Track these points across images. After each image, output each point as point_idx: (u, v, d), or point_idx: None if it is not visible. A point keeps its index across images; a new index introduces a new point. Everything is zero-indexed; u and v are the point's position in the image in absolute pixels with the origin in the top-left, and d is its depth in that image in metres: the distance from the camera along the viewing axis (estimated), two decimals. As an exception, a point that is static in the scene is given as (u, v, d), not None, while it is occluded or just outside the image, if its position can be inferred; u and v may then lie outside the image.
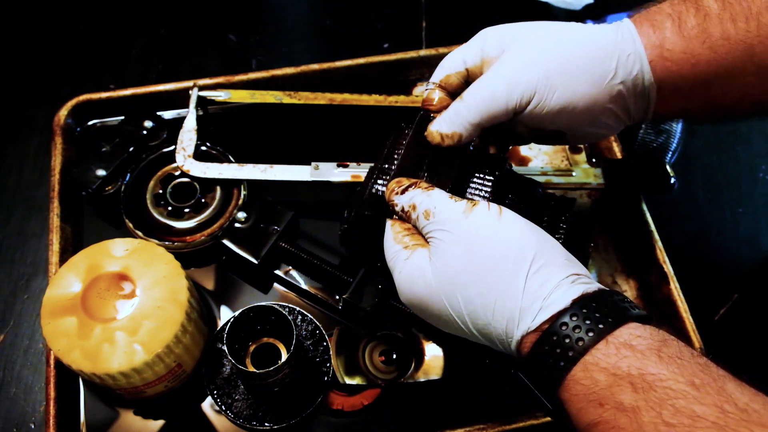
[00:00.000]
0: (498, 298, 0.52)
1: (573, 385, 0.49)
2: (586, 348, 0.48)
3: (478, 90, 0.61)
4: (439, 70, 0.65)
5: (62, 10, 1.05)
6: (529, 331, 0.51)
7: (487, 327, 0.53)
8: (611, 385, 0.47)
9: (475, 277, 0.53)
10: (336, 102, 0.86)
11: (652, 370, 0.46)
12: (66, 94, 0.86)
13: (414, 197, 0.58)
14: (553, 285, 0.51)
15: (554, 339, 0.49)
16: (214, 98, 0.85)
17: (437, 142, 0.62)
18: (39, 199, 0.86)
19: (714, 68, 0.59)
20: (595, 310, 0.50)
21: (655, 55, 0.60)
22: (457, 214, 0.55)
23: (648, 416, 0.44)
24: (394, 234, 0.59)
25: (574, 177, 0.80)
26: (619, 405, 0.46)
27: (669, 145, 0.84)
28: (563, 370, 0.49)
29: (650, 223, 0.80)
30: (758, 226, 0.89)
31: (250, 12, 1.07)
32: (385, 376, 0.72)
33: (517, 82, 0.59)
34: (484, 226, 0.54)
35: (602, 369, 0.47)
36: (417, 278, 0.56)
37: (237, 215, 0.77)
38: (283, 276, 0.76)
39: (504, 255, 0.52)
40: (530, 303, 0.51)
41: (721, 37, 0.58)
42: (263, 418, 0.69)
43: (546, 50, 0.60)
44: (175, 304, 0.66)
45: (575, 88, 0.59)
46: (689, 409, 0.43)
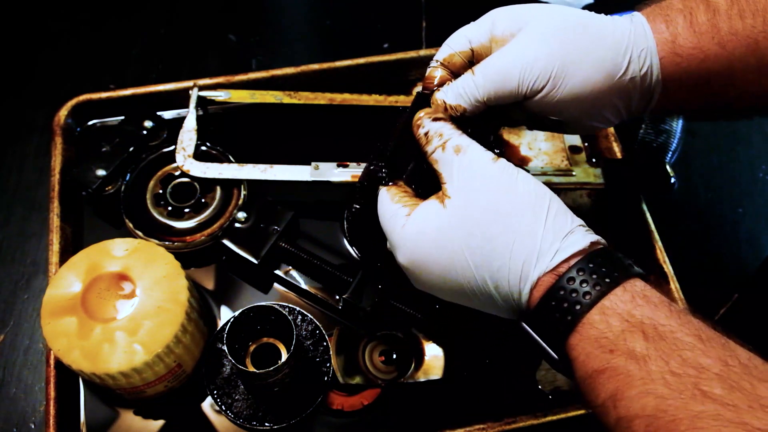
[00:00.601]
0: (518, 236, 0.52)
1: (587, 328, 0.49)
2: (604, 292, 0.49)
3: (492, 67, 0.60)
4: (443, 49, 0.64)
5: (62, 10, 1.05)
6: (547, 271, 0.51)
7: (502, 269, 0.53)
8: (624, 331, 0.48)
9: (498, 215, 0.53)
10: (336, 102, 0.86)
11: (662, 321, 0.47)
12: (66, 94, 0.86)
13: (444, 128, 0.58)
14: (569, 230, 0.53)
15: (571, 283, 0.50)
16: (214, 98, 0.85)
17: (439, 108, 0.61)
18: (39, 199, 0.86)
19: (720, 63, 0.59)
20: (609, 258, 0.51)
21: (666, 50, 0.60)
22: (487, 158, 0.56)
23: (656, 365, 0.45)
24: (391, 196, 0.59)
25: (574, 177, 0.80)
26: (630, 352, 0.47)
27: (669, 145, 0.84)
28: (579, 313, 0.49)
29: (650, 223, 0.80)
30: (758, 226, 0.89)
31: (250, 12, 1.07)
32: (385, 376, 0.72)
33: (534, 66, 0.58)
34: (508, 174, 0.55)
35: (618, 314, 0.48)
36: (428, 225, 0.56)
37: (237, 215, 0.77)
38: (283, 276, 0.76)
39: (525, 198, 0.54)
40: (549, 243, 0.52)
41: (729, 32, 0.58)
42: (263, 418, 0.69)
43: (565, 37, 0.59)
44: (175, 304, 0.66)
45: (588, 80, 0.59)
46: (695, 360, 0.45)
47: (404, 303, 0.72)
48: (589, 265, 0.50)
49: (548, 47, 0.59)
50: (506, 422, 0.69)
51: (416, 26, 1.05)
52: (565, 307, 0.50)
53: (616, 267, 0.51)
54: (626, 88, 0.60)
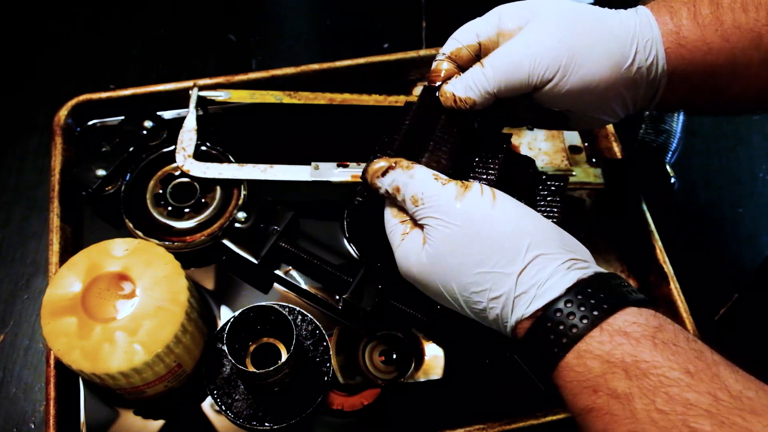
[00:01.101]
0: (493, 286, 0.52)
1: (567, 371, 0.49)
2: (580, 335, 0.48)
3: (502, 58, 0.59)
4: (450, 42, 0.63)
5: (62, 10, 1.05)
6: (524, 317, 0.51)
7: (483, 312, 0.54)
8: (605, 372, 0.47)
9: (470, 265, 0.53)
10: (336, 102, 0.86)
11: (646, 357, 0.46)
12: (66, 94, 0.86)
13: (395, 180, 0.57)
14: (549, 272, 0.51)
15: (548, 325, 0.50)
16: (214, 98, 0.85)
17: (449, 104, 0.61)
18: (39, 199, 0.86)
19: (724, 57, 0.59)
20: (590, 296, 0.50)
21: (671, 42, 0.59)
22: (448, 200, 0.54)
23: (641, 403, 0.44)
24: (392, 209, 0.59)
25: (574, 177, 0.80)
26: (613, 392, 0.46)
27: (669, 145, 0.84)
28: (556, 357, 0.49)
29: (650, 223, 0.80)
30: (758, 226, 0.89)
31: (250, 12, 1.07)
32: (385, 376, 0.72)
33: (544, 55, 0.58)
34: (478, 212, 0.53)
35: (596, 356, 0.48)
36: (412, 257, 0.56)
37: (237, 215, 0.77)
38: (283, 276, 0.76)
39: (499, 243, 0.52)
40: (525, 290, 0.51)
41: (733, 24, 0.58)
42: (263, 418, 0.69)
43: (573, 27, 0.59)
44: (175, 304, 0.66)
45: (597, 69, 0.59)
46: (682, 396, 0.44)
47: (404, 303, 0.72)
48: (567, 306, 0.49)
49: (557, 37, 0.58)
50: (506, 422, 0.69)
51: (416, 26, 1.05)
52: (544, 348, 0.50)
53: (600, 302, 0.49)
54: (633, 79, 0.60)
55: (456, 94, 0.60)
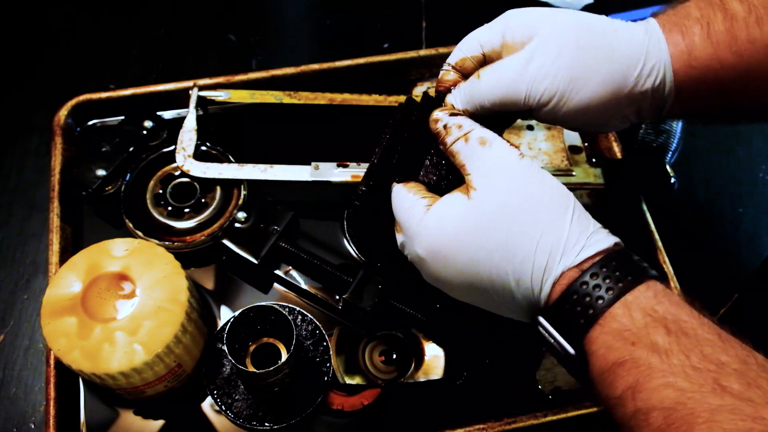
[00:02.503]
0: (544, 231, 0.53)
1: (609, 321, 0.50)
2: (628, 288, 0.50)
3: (498, 75, 0.60)
4: (455, 53, 0.63)
5: (62, 10, 1.05)
6: (571, 266, 0.52)
7: (525, 263, 0.53)
8: (647, 324, 0.48)
9: (525, 210, 0.54)
10: (336, 102, 0.86)
11: (684, 317, 0.49)
12: (66, 94, 0.86)
13: (463, 121, 0.59)
14: (593, 230, 0.53)
15: (595, 278, 0.51)
16: (214, 98, 0.85)
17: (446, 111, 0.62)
18: (39, 199, 0.86)
19: (736, 73, 0.59)
20: (631, 258, 0.52)
21: (681, 63, 0.59)
22: (514, 154, 0.56)
23: (677, 359, 0.46)
24: (408, 189, 0.59)
25: (574, 177, 0.80)
26: (653, 345, 0.47)
27: (669, 145, 0.84)
28: (603, 306, 0.50)
29: (650, 223, 0.80)
30: (758, 226, 0.89)
31: (250, 12, 1.07)
32: (385, 376, 0.72)
33: (542, 80, 0.58)
34: (534, 172, 0.55)
35: (641, 308, 0.49)
36: (449, 217, 0.55)
37: (237, 215, 0.77)
38: (283, 276, 0.76)
39: (551, 198, 0.54)
40: (575, 240, 0.52)
41: (747, 40, 0.58)
42: (263, 418, 0.69)
43: (575, 53, 0.58)
44: (175, 304, 0.66)
45: (595, 94, 0.59)
46: (715, 356, 0.46)
47: (404, 303, 0.72)
48: (612, 263, 0.51)
49: (557, 64, 0.58)
50: (506, 422, 0.69)
51: (416, 26, 1.05)
52: (587, 301, 0.51)
53: (637, 267, 0.52)
54: (636, 99, 0.60)
55: (455, 105, 0.61)
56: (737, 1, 0.59)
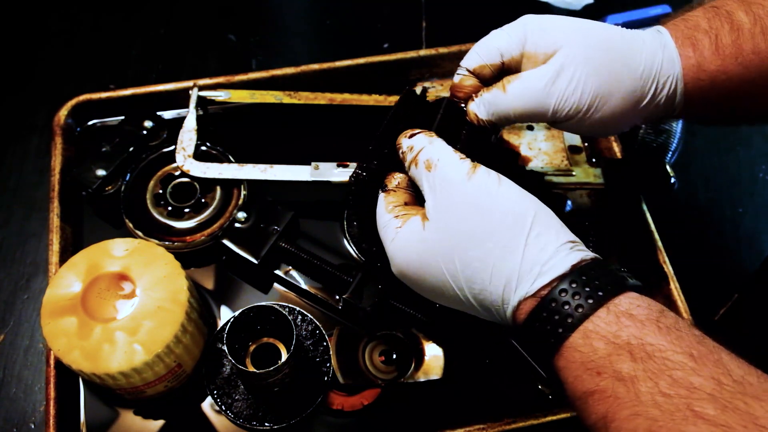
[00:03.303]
0: (496, 261, 0.52)
1: (571, 352, 0.49)
2: (586, 315, 0.48)
3: (527, 90, 0.60)
4: (473, 57, 0.63)
5: (62, 10, 1.05)
6: (527, 296, 0.51)
7: (483, 292, 0.53)
8: (610, 353, 0.47)
9: (474, 240, 0.52)
10: (336, 102, 0.86)
11: (650, 340, 0.46)
12: (66, 94, 0.86)
13: (416, 141, 0.58)
14: (552, 251, 0.51)
15: (553, 305, 0.49)
16: (214, 98, 0.85)
17: (472, 120, 0.62)
18: (39, 199, 0.86)
19: (741, 82, 0.60)
20: (594, 277, 0.50)
21: (691, 76, 0.60)
22: (460, 174, 0.54)
23: (645, 386, 0.44)
24: (386, 204, 0.59)
25: (574, 177, 0.80)
26: (618, 374, 0.46)
27: (669, 145, 0.84)
28: (561, 337, 0.49)
29: (650, 223, 0.80)
30: (758, 226, 0.89)
31: (250, 12, 1.07)
32: (385, 376, 0.72)
33: (570, 96, 0.59)
34: (485, 190, 0.54)
35: (602, 337, 0.47)
36: (412, 243, 0.55)
37: (237, 215, 0.77)
38: (283, 276, 0.76)
39: (503, 220, 0.52)
40: (529, 268, 0.51)
41: (752, 51, 0.59)
42: (263, 418, 0.69)
43: (600, 68, 0.59)
44: (175, 304, 0.66)
45: (618, 108, 0.60)
46: (686, 380, 0.44)
47: (404, 303, 0.72)
48: (572, 286, 0.49)
49: (584, 80, 0.59)
50: (506, 422, 0.69)
51: (416, 26, 1.05)
52: (548, 329, 0.49)
53: (604, 283, 0.49)
54: (649, 110, 0.61)
55: (479, 115, 0.62)
56: (743, 12, 0.59)
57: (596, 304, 0.48)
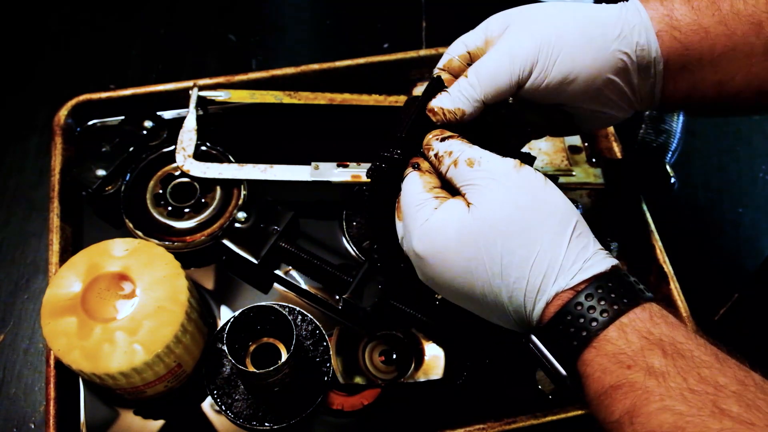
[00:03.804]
0: (541, 251, 0.52)
1: (604, 344, 0.49)
2: (622, 311, 0.50)
3: (482, 65, 0.61)
4: (444, 57, 0.65)
5: (62, 10, 1.05)
6: (566, 288, 0.51)
7: (519, 281, 0.52)
8: (643, 347, 0.48)
9: (521, 228, 0.53)
10: (336, 102, 0.86)
11: (680, 339, 0.48)
12: (66, 94, 0.86)
13: (452, 145, 0.58)
14: (591, 252, 0.53)
15: (590, 299, 0.50)
16: (214, 98, 0.85)
17: (440, 119, 0.61)
18: (39, 199, 0.86)
19: (722, 42, 0.59)
20: (627, 281, 0.52)
21: (663, 25, 0.60)
22: (507, 167, 0.55)
23: (675, 382, 0.46)
24: (424, 183, 0.58)
25: (574, 177, 0.80)
26: (650, 368, 0.47)
27: (669, 145, 0.83)
28: (597, 329, 0.50)
29: (650, 223, 0.80)
30: (758, 226, 0.89)
31: (250, 12, 1.07)
32: (385, 376, 0.72)
33: (519, 52, 0.59)
34: (533, 185, 0.55)
35: (636, 331, 0.49)
36: (451, 225, 0.54)
37: (237, 215, 0.77)
38: (283, 276, 0.76)
39: (551, 214, 0.53)
40: (571, 262, 0.52)
41: (731, 11, 0.59)
42: (263, 418, 0.69)
43: (546, 22, 0.60)
44: (175, 304, 0.66)
45: (576, 56, 0.59)
46: (713, 378, 0.45)
47: (404, 303, 0.72)
48: (608, 284, 0.51)
49: (532, 34, 0.60)
50: (506, 422, 0.69)
51: (416, 26, 1.05)
52: (581, 322, 0.50)
53: (632, 289, 0.51)
54: (623, 64, 0.60)
55: (444, 107, 0.61)
56: None
57: (631, 303, 0.50)
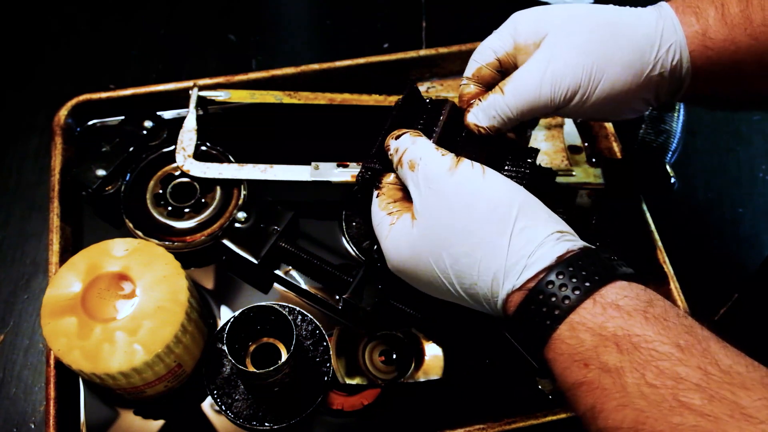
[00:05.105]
0: (483, 256, 0.52)
1: (558, 344, 0.49)
2: (572, 307, 0.48)
3: (521, 86, 0.60)
4: (471, 64, 0.64)
5: (62, 10, 1.05)
6: (514, 289, 0.51)
7: (474, 287, 0.53)
8: (597, 345, 0.47)
9: (460, 236, 0.53)
10: (336, 102, 0.86)
11: (637, 331, 0.46)
12: (66, 94, 0.86)
13: (402, 142, 0.58)
14: (538, 242, 0.51)
15: (540, 297, 0.49)
16: (214, 98, 0.85)
17: (472, 129, 0.62)
18: (39, 199, 0.86)
19: (751, 55, 0.59)
20: (581, 268, 0.49)
21: (696, 44, 0.59)
22: (442, 170, 0.55)
23: (632, 377, 0.45)
24: (380, 202, 0.59)
25: (574, 177, 0.80)
26: (604, 366, 0.46)
27: (669, 145, 0.83)
28: (549, 330, 0.49)
29: (650, 223, 0.80)
30: (758, 226, 0.89)
31: (250, 12, 1.07)
32: (385, 376, 0.72)
33: (562, 78, 0.58)
34: (469, 184, 0.54)
35: (588, 329, 0.48)
36: (402, 241, 0.56)
37: (237, 215, 0.77)
38: (283, 276, 0.76)
39: (488, 213, 0.52)
40: (515, 261, 0.51)
41: (762, 23, 0.58)
42: (263, 418, 0.69)
43: (591, 44, 0.59)
44: (175, 304, 0.66)
45: (617, 81, 0.59)
46: (673, 371, 0.44)
47: (404, 303, 0.72)
48: (558, 277, 0.49)
49: (575, 58, 0.58)
50: (506, 422, 0.69)
51: (416, 26, 1.05)
52: (536, 321, 0.50)
53: (591, 273, 0.49)
54: (655, 82, 0.60)
55: (478, 124, 0.61)
56: None
57: (583, 296, 0.48)
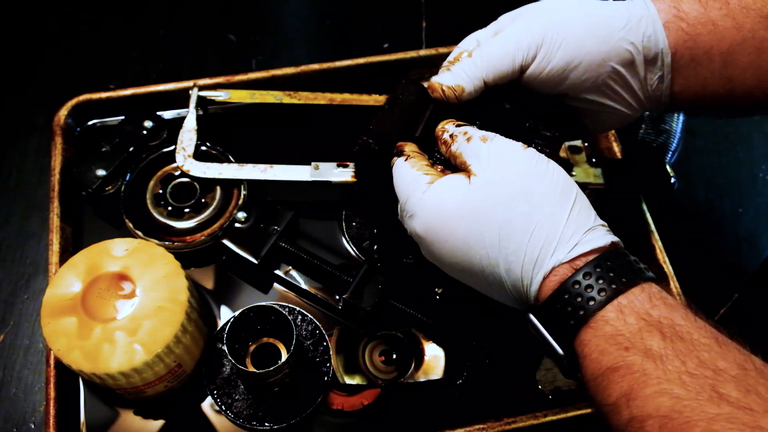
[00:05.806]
0: (539, 222, 0.52)
1: (601, 325, 0.49)
2: (621, 291, 0.49)
3: (487, 46, 0.62)
4: (454, 50, 0.65)
5: (62, 10, 1.05)
6: (563, 262, 0.51)
7: (516, 254, 0.52)
8: (641, 329, 0.47)
9: (522, 198, 0.53)
10: (336, 102, 0.86)
11: (679, 321, 0.47)
12: (66, 94, 0.86)
13: (468, 128, 0.59)
14: (591, 226, 0.52)
15: (587, 278, 0.50)
16: (214, 98, 0.85)
17: (438, 95, 0.62)
18: (39, 199, 0.86)
19: (731, 36, 0.59)
20: (628, 259, 0.51)
21: (670, 17, 0.60)
22: (515, 146, 0.56)
23: (673, 365, 0.45)
24: (412, 164, 0.59)
25: (574, 177, 0.80)
26: (647, 350, 0.46)
27: (669, 145, 0.83)
28: (594, 308, 0.49)
29: (650, 223, 0.80)
30: (758, 226, 0.89)
31: (250, 12, 1.07)
32: (385, 376, 0.72)
33: (525, 35, 0.60)
34: (537, 161, 0.55)
35: (635, 312, 0.48)
36: (450, 196, 0.55)
37: (237, 215, 0.77)
38: (283, 276, 0.76)
39: (553, 188, 0.54)
40: (570, 234, 0.52)
41: (739, 5, 0.59)
42: (263, 418, 0.69)
43: (554, 12, 0.61)
44: (175, 304, 0.66)
45: (580, 43, 0.60)
46: (712, 362, 0.45)
47: (404, 303, 0.72)
48: (606, 263, 0.50)
49: (537, 22, 0.61)
50: (506, 422, 0.69)
51: (416, 26, 1.05)
52: (578, 301, 0.50)
53: (632, 269, 0.51)
54: (628, 54, 0.60)
55: (443, 83, 0.61)
56: None
57: (630, 282, 0.49)
